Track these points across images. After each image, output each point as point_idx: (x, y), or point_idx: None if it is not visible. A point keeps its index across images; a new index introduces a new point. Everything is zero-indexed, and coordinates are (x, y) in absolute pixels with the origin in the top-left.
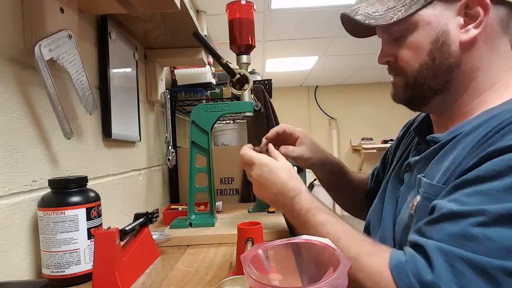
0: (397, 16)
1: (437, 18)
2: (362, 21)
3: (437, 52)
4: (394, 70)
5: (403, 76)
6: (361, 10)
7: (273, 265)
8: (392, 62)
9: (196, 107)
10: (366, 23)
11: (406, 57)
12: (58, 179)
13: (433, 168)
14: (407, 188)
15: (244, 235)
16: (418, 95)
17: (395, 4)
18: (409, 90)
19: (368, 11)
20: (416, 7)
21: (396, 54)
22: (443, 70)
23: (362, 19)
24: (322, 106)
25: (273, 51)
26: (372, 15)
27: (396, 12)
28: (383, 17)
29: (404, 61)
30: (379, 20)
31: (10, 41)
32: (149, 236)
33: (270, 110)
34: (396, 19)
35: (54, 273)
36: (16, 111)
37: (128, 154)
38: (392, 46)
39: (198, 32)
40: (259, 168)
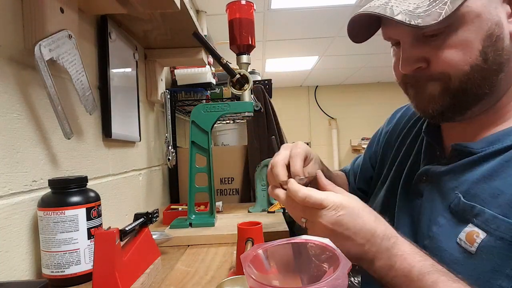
0: (444, 11)
1: (486, 8)
2: (406, 22)
3: (490, 49)
4: (428, 78)
5: (442, 82)
6: (397, 7)
7: (273, 265)
8: (424, 68)
9: (196, 107)
10: (413, 25)
11: (452, 59)
12: (58, 179)
13: (481, 190)
14: (430, 202)
15: (244, 235)
16: (459, 104)
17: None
18: (448, 99)
19: (407, 7)
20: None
21: (430, 57)
22: (494, 70)
23: (405, 19)
24: (322, 106)
25: (273, 51)
26: (416, 13)
27: (442, 6)
28: (429, 14)
29: (447, 65)
30: (427, 18)
31: (10, 41)
32: (149, 236)
33: (270, 110)
34: (445, 15)
35: (54, 273)
36: (16, 111)
37: (128, 154)
38: (422, 47)
39: (198, 32)
40: (333, 213)
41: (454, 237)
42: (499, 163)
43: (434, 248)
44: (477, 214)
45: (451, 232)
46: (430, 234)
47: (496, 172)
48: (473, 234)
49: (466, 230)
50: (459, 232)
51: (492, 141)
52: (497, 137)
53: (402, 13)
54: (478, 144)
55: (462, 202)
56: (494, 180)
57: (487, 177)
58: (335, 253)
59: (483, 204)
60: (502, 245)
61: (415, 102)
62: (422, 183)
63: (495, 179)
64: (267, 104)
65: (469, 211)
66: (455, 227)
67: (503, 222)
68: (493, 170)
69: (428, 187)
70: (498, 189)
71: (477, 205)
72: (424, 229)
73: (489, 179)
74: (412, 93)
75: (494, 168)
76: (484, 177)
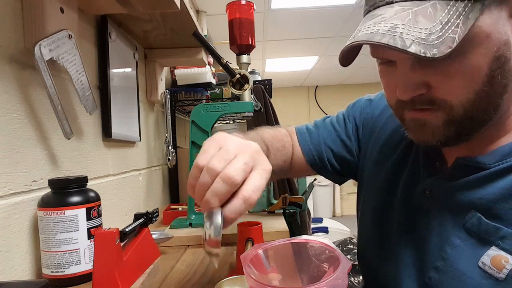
0: (457, 35)
1: (496, 27)
2: (421, 55)
3: (498, 73)
4: (428, 103)
5: (444, 111)
6: (407, 34)
7: (273, 265)
8: (425, 93)
9: (196, 107)
10: (429, 57)
11: (456, 86)
12: (58, 179)
13: (503, 209)
14: (440, 221)
15: (244, 235)
16: (463, 132)
17: (449, 17)
18: (451, 128)
19: (418, 34)
20: (475, 15)
21: (432, 82)
22: (499, 93)
23: (420, 51)
24: (322, 106)
25: (273, 51)
26: (430, 41)
27: (455, 29)
28: (443, 40)
29: (451, 92)
30: (442, 47)
31: (10, 41)
32: (149, 236)
33: (270, 110)
34: (458, 40)
35: (54, 273)
36: (16, 111)
37: (128, 154)
38: (423, 71)
39: (198, 32)
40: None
41: (474, 260)
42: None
43: (451, 271)
44: (503, 237)
45: (470, 254)
46: (443, 256)
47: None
48: (500, 259)
49: (490, 253)
50: (481, 255)
51: (504, 154)
52: (510, 150)
53: (415, 43)
54: (489, 158)
55: (484, 222)
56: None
57: (508, 196)
58: (335, 253)
59: (507, 225)
60: None
61: (414, 134)
62: (426, 198)
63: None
64: (267, 104)
65: (492, 233)
66: (474, 249)
67: None
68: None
69: (434, 204)
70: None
71: (503, 227)
72: (435, 250)
73: (510, 198)
74: (412, 125)
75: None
76: (504, 195)
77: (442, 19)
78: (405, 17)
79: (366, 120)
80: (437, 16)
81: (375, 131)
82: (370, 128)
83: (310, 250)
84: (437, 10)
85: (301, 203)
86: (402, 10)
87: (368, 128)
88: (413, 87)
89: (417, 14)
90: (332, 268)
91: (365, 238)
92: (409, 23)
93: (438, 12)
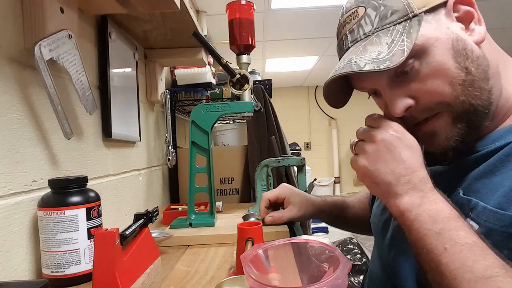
0: (406, 46)
1: (440, 30)
2: (377, 69)
3: (467, 62)
4: (426, 111)
5: (447, 112)
6: (360, 60)
7: (273, 265)
8: (415, 106)
9: (196, 107)
10: (383, 68)
11: (435, 87)
12: (58, 179)
13: (482, 185)
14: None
15: (244, 235)
16: (474, 125)
17: (392, 37)
18: (462, 124)
19: (370, 57)
20: (416, 29)
21: (414, 93)
22: (484, 78)
23: (373, 67)
24: (322, 106)
25: (273, 51)
26: (381, 58)
27: (402, 43)
28: (394, 54)
29: (434, 94)
30: (394, 58)
31: (10, 41)
32: (149, 236)
33: (270, 110)
34: (409, 50)
35: (54, 273)
36: (16, 111)
37: (128, 154)
38: (401, 87)
39: (198, 32)
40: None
41: None
42: (499, 157)
43: None
44: (472, 208)
45: None
46: None
47: (496, 167)
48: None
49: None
50: None
51: (494, 139)
52: (500, 134)
53: (368, 63)
54: (480, 143)
55: (461, 197)
56: (495, 175)
57: (488, 173)
58: (335, 253)
59: (480, 198)
60: (493, 235)
61: (431, 145)
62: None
63: (496, 174)
64: (267, 104)
65: (466, 205)
66: None
67: (491, 213)
68: (493, 165)
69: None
70: (497, 183)
71: (472, 199)
72: None
73: (490, 175)
74: (426, 138)
75: (495, 163)
76: (486, 173)
77: (387, 40)
78: (357, 51)
79: None
80: (382, 40)
81: None
82: None
83: (310, 250)
84: (381, 37)
85: None
86: (355, 48)
87: None
88: (400, 101)
89: (366, 45)
90: (332, 268)
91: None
92: (361, 53)
93: (381, 38)
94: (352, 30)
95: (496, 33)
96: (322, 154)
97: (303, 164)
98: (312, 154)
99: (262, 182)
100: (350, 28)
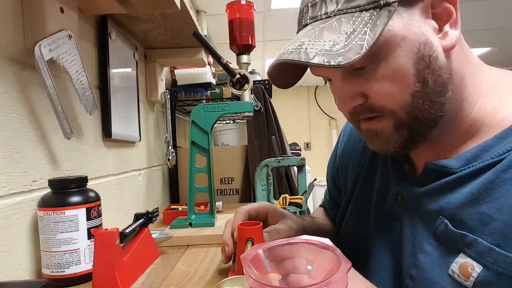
0: (366, 41)
1: (410, 28)
2: (325, 64)
3: (427, 72)
4: (369, 112)
5: (390, 117)
6: (311, 48)
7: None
8: (363, 103)
9: (196, 107)
10: (333, 65)
11: (388, 92)
12: (58, 179)
13: (468, 215)
14: (412, 227)
15: (244, 235)
16: (416, 134)
17: (354, 26)
18: (403, 132)
19: (322, 47)
20: (383, 21)
21: (366, 91)
22: (439, 91)
23: (323, 60)
24: (322, 106)
25: (273, 51)
26: (335, 51)
27: (362, 37)
28: (350, 48)
29: (385, 98)
30: (348, 54)
31: (10, 41)
32: (149, 236)
33: (270, 110)
34: (368, 46)
35: (54, 273)
36: (16, 111)
37: (128, 154)
38: (354, 82)
39: (198, 32)
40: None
41: (445, 268)
42: (483, 184)
43: (424, 280)
44: (469, 244)
45: (441, 262)
46: (416, 263)
47: (481, 195)
48: (467, 267)
49: (458, 261)
50: (450, 263)
51: (469, 159)
52: (474, 154)
53: (319, 54)
54: (454, 162)
55: (450, 229)
56: (480, 204)
57: (473, 201)
58: (335, 253)
59: (473, 232)
60: (502, 281)
61: (371, 144)
62: (398, 204)
63: (481, 203)
64: (267, 104)
65: (459, 240)
66: (444, 257)
67: (500, 256)
68: (478, 193)
69: (406, 210)
70: (486, 215)
71: (468, 234)
72: (409, 257)
73: (475, 204)
74: (367, 135)
75: (479, 191)
76: (469, 201)
77: (347, 29)
78: (312, 34)
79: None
80: (342, 28)
81: (351, 154)
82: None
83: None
84: (342, 22)
85: (301, 203)
86: (311, 29)
87: (345, 159)
88: (349, 99)
89: (323, 29)
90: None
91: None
92: (315, 39)
93: (343, 24)
94: (314, 3)
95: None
96: (322, 154)
97: (303, 164)
98: (312, 154)
99: (262, 182)
100: (313, 0)
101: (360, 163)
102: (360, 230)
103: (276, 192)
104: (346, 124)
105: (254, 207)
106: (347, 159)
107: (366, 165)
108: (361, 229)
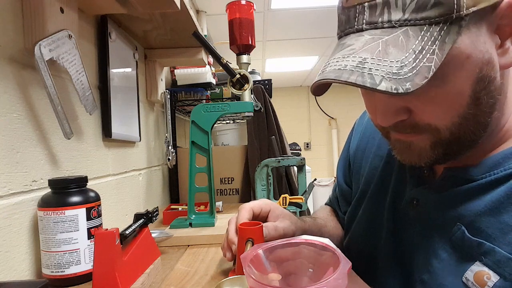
0: (434, 62)
1: (476, 46)
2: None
3: (483, 94)
4: (411, 128)
5: (431, 134)
6: (376, 69)
7: (273, 265)
8: (407, 119)
9: (196, 107)
10: (400, 93)
11: (438, 111)
12: (58, 179)
13: (487, 224)
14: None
15: (244, 235)
16: (451, 153)
17: (423, 44)
18: (439, 150)
19: (390, 69)
20: (452, 38)
21: (413, 107)
22: (487, 112)
23: (391, 87)
24: (322, 106)
25: (273, 51)
26: (402, 75)
27: (430, 57)
28: (417, 72)
29: (433, 117)
30: (416, 79)
31: (10, 41)
32: (149, 236)
33: (270, 110)
34: (435, 68)
35: (54, 273)
36: (16, 111)
37: (128, 154)
38: (401, 98)
39: (198, 32)
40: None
41: (459, 275)
42: (504, 192)
43: (436, 286)
44: (486, 253)
45: (455, 269)
46: (429, 269)
47: (502, 204)
48: (483, 275)
49: (474, 269)
50: (465, 271)
51: (491, 166)
52: (497, 161)
53: (386, 79)
54: (476, 170)
55: (467, 237)
56: (501, 214)
57: (493, 210)
58: (335, 253)
59: (491, 240)
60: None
61: (400, 155)
62: (413, 208)
63: (502, 213)
64: (267, 104)
65: (475, 248)
66: (459, 264)
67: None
68: (498, 202)
69: (421, 215)
70: (507, 224)
71: (485, 242)
72: (422, 261)
73: (496, 212)
74: (397, 146)
75: (500, 200)
76: (490, 209)
77: (415, 47)
78: (375, 49)
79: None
80: (409, 45)
81: (364, 152)
82: (360, 154)
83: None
84: (410, 37)
85: (301, 203)
86: (372, 40)
87: (358, 156)
88: (393, 114)
89: (388, 45)
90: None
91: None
92: (379, 56)
93: (410, 40)
94: (374, 4)
95: None
96: (322, 154)
97: (303, 164)
98: (312, 154)
99: (262, 182)
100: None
101: (374, 161)
102: (372, 229)
103: (276, 192)
104: (359, 119)
105: (257, 204)
106: (360, 156)
107: (382, 164)
108: (373, 229)
